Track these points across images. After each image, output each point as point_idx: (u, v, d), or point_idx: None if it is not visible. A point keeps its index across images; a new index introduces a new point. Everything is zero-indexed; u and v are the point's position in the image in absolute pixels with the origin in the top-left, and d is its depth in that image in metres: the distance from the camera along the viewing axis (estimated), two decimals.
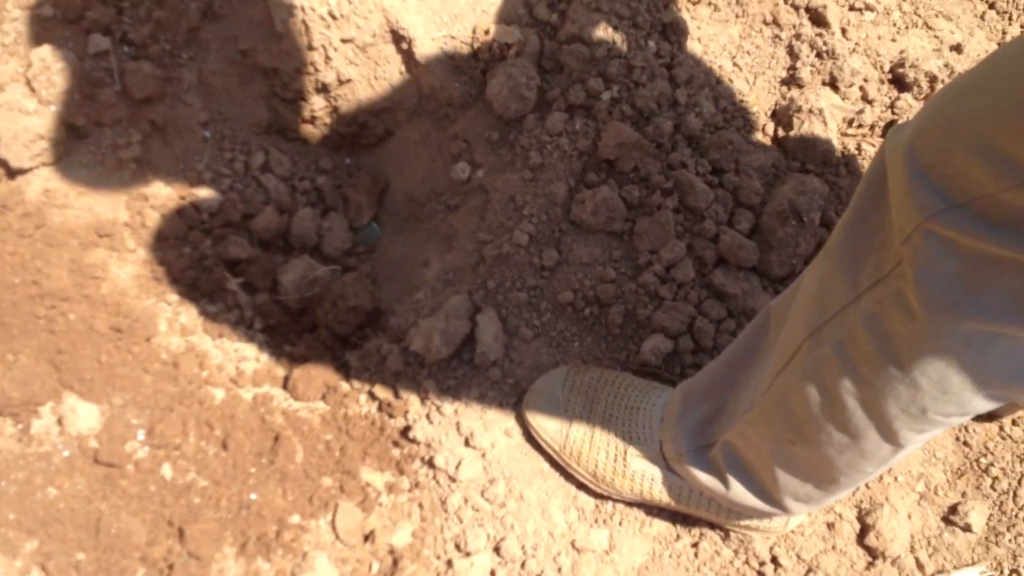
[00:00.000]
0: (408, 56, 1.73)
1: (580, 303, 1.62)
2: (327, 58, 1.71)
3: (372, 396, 1.61)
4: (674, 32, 1.75)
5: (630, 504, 1.54)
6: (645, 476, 1.47)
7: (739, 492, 1.35)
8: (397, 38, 1.71)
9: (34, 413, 1.51)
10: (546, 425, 1.53)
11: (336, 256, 1.84)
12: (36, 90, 1.62)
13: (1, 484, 1.43)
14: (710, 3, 1.82)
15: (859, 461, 1.14)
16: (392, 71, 1.76)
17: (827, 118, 1.65)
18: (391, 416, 1.58)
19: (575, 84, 1.69)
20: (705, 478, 1.38)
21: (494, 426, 1.56)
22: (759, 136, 1.73)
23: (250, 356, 1.68)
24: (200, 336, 1.67)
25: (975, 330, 0.88)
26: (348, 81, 1.75)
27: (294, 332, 1.74)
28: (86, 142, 1.68)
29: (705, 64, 1.77)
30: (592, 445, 1.50)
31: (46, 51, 1.63)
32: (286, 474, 1.52)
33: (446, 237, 1.79)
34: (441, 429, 1.54)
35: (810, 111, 1.66)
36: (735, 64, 1.79)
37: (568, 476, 1.55)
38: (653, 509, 1.54)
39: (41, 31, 1.66)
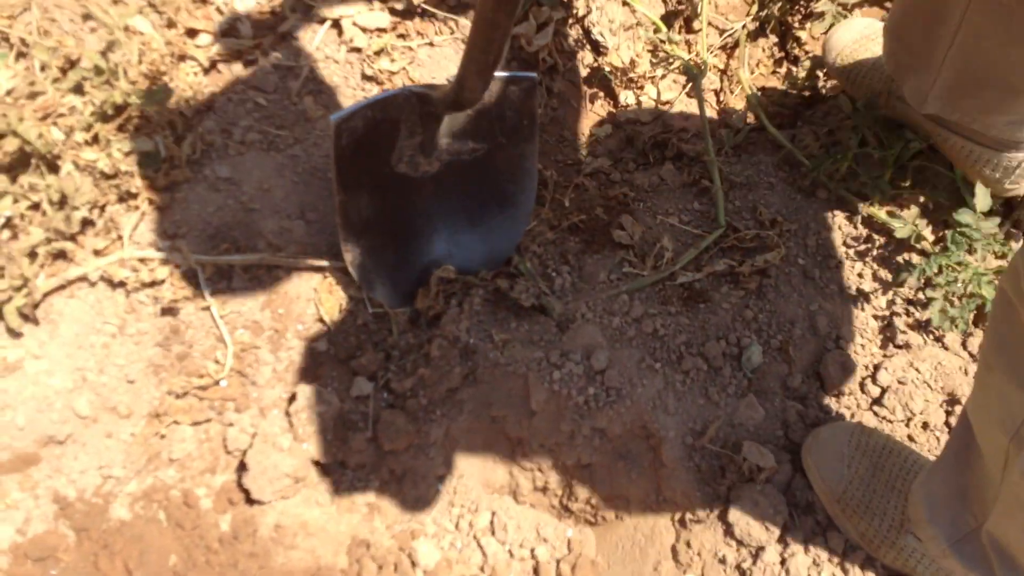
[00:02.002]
0: (655, 454, 1.70)
1: None
2: (574, 442, 1.70)
3: None
4: None
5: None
6: (914, 554, 1.43)
7: None
8: (647, 434, 1.70)
9: None
10: (826, 474, 1.53)
11: None
12: (294, 426, 1.66)
13: None
14: None
15: None
16: (635, 464, 1.73)
17: None
18: None
19: (824, 532, 1.62)
20: (973, 569, 1.33)
21: None
22: None
23: None
24: None
25: None
26: (588, 465, 1.73)
27: None
28: (326, 481, 1.71)
29: None
30: (869, 508, 1.47)
31: (310, 389, 1.68)
32: None
33: None
34: None
35: None
36: None
37: None
38: None
39: (312, 365, 1.73)
